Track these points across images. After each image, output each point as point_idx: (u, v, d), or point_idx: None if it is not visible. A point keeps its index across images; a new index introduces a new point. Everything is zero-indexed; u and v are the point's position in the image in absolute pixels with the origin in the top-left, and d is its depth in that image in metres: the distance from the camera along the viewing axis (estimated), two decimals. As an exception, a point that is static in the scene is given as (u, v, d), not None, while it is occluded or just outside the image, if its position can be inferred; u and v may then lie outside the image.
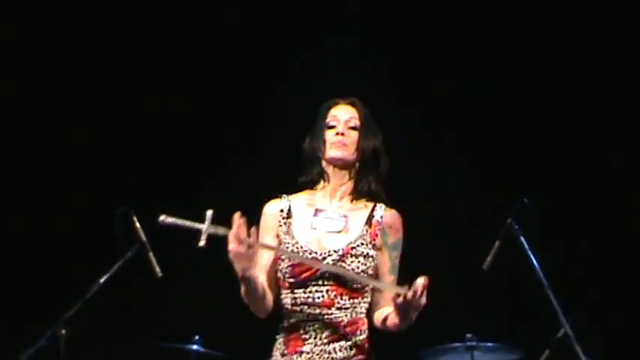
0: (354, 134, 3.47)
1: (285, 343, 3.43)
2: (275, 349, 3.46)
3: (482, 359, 5.15)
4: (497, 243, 4.60)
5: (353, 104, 3.50)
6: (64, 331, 4.56)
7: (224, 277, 3.43)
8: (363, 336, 3.47)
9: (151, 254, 4.56)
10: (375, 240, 3.43)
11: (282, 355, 3.43)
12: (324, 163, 3.49)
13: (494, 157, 5.84)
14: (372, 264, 3.40)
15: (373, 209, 3.46)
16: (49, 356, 4.60)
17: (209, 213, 3.20)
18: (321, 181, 3.50)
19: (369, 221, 3.45)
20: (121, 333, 5.71)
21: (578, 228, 5.81)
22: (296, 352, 3.39)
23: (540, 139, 5.96)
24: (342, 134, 3.44)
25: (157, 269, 4.59)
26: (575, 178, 5.88)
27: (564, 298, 4.44)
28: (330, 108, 3.55)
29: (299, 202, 3.49)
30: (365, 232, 3.43)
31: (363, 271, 3.38)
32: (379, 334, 4.23)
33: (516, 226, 4.57)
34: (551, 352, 4.67)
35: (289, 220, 3.46)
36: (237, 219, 3.15)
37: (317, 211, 3.47)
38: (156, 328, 5.55)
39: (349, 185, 3.50)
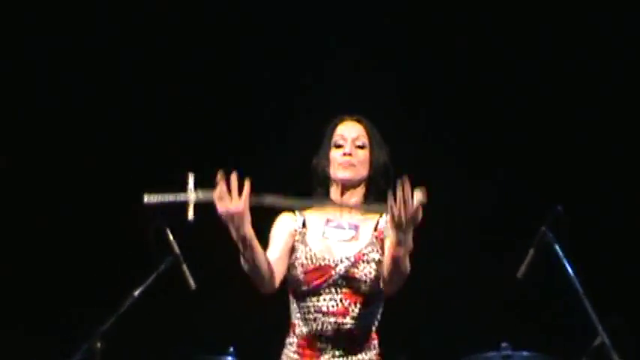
0: (362, 153, 3.48)
1: (300, 353, 3.45)
2: (285, 356, 3.48)
3: None
4: (531, 251, 4.56)
5: (359, 121, 3.51)
6: (99, 344, 4.54)
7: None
8: (376, 351, 3.50)
9: (184, 266, 4.57)
10: (383, 244, 3.44)
11: None
12: (332, 182, 3.51)
13: (530, 164, 5.82)
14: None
15: (380, 217, 3.48)
16: None
17: (190, 179, 3.16)
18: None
19: (376, 228, 3.47)
20: (155, 345, 5.70)
21: (612, 235, 5.79)
22: None
23: (575, 147, 5.94)
24: (350, 155, 3.45)
25: (191, 281, 4.59)
26: (610, 184, 5.86)
27: (599, 307, 4.42)
28: (336, 126, 3.55)
29: (311, 215, 3.50)
30: (374, 238, 3.45)
31: (375, 277, 3.38)
32: (415, 346, 4.17)
33: (550, 234, 4.53)
34: None
35: (304, 229, 3.48)
36: (219, 179, 3.11)
37: (328, 220, 3.48)
38: (190, 340, 5.59)
39: (359, 199, 3.51)
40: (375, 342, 3.52)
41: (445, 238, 5.88)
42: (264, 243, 3.44)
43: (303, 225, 3.49)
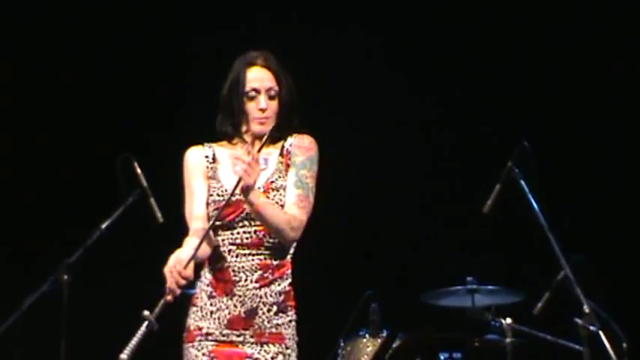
0: (274, 104, 3.56)
1: (214, 285, 3.52)
2: (200, 290, 3.56)
3: (482, 302, 5.21)
4: (497, 186, 4.62)
5: (268, 68, 3.57)
6: (66, 277, 4.58)
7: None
8: (289, 280, 3.59)
9: (152, 200, 4.57)
10: (289, 168, 3.55)
11: (210, 296, 3.52)
12: (244, 128, 3.57)
13: (495, 100, 5.90)
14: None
15: (285, 141, 3.58)
16: (52, 301, 4.60)
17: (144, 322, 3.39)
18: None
19: (281, 152, 3.56)
20: (121, 279, 5.80)
21: (579, 169, 5.88)
22: (226, 295, 3.49)
23: (544, 84, 6.02)
24: (262, 110, 3.54)
25: (159, 215, 4.58)
26: (578, 121, 5.94)
27: (564, 241, 4.50)
28: (246, 70, 3.59)
29: (221, 150, 3.59)
30: (280, 164, 3.55)
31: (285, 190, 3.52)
32: (381, 280, 4.20)
33: (516, 170, 4.58)
34: (552, 295, 4.61)
35: (215, 164, 3.57)
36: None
37: (237, 158, 3.56)
38: (156, 274, 5.64)
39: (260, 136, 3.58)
40: (289, 271, 3.61)
41: (412, 171, 6.01)
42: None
43: (214, 159, 3.59)
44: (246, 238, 3.52)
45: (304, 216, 3.53)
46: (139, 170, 4.68)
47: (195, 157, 3.64)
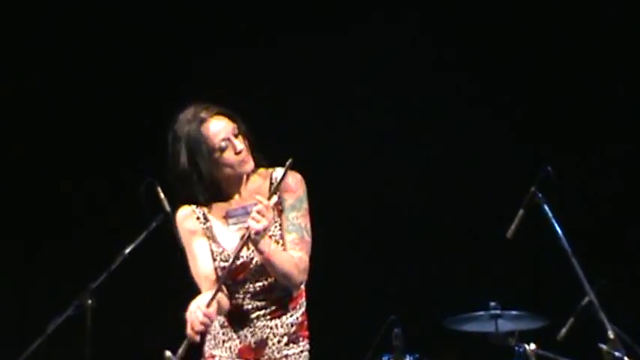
0: (242, 141, 3.51)
1: (228, 315, 3.53)
2: (209, 334, 3.59)
3: (506, 327, 5.13)
4: (520, 211, 4.63)
5: (221, 114, 3.51)
6: (90, 301, 4.60)
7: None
8: (302, 310, 3.60)
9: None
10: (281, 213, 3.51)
11: (223, 326, 3.54)
12: (223, 185, 3.53)
13: (520, 125, 5.88)
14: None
15: (271, 180, 3.55)
16: (76, 325, 4.60)
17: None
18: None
19: (270, 198, 3.52)
20: (145, 303, 5.80)
21: (602, 195, 5.85)
22: (237, 325, 3.54)
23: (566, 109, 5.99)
24: (240, 152, 3.49)
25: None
26: (600, 146, 5.91)
27: (588, 266, 4.47)
28: (203, 128, 3.50)
29: (206, 209, 3.58)
30: (272, 210, 3.49)
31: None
32: (404, 307, 4.19)
33: (539, 195, 4.58)
34: (576, 320, 4.63)
35: (208, 224, 3.56)
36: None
37: (227, 215, 3.55)
38: (183, 298, 5.64)
39: (242, 181, 3.57)
40: (302, 300, 3.61)
41: (433, 196, 5.99)
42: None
43: (205, 219, 3.56)
44: (259, 287, 3.51)
45: (305, 256, 3.50)
46: (162, 195, 4.73)
47: (189, 219, 3.60)
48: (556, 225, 4.54)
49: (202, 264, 3.55)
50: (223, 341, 3.59)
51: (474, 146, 5.99)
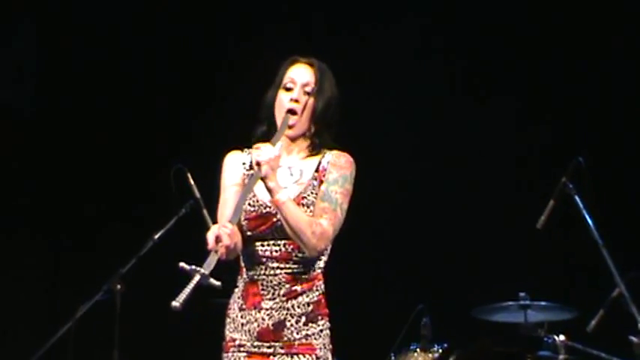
0: (310, 100, 3.57)
1: (244, 297, 3.56)
2: (233, 301, 3.61)
3: (535, 318, 5.18)
4: (551, 202, 4.68)
5: (311, 65, 3.59)
6: (119, 286, 4.74)
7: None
8: (319, 292, 3.61)
9: (204, 211, 4.68)
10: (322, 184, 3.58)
11: (241, 309, 3.56)
12: (273, 120, 3.61)
13: (553, 117, 5.89)
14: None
15: (322, 157, 3.60)
16: (105, 310, 4.75)
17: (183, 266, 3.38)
18: None
19: (317, 168, 3.58)
20: (174, 289, 5.74)
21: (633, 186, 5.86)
22: (255, 308, 3.54)
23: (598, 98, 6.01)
24: (297, 101, 3.55)
25: (211, 224, 4.60)
26: (634, 136, 5.92)
27: (619, 258, 4.49)
28: (288, 67, 3.63)
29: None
30: (314, 180, 3.56)
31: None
32: (433, 294, 4.19)
33: (570, 185, 4.63)
34: (606, 312, 4.69)
35: (250, 171, 3.60)
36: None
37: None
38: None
39: (303, 141, 3.62)
40: (320, 283, 3.62)
41: (464, 188, 6.01)
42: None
43: (251, 167, 3.60)
44: (276, 251, 3.54)
45: (329, 227, 3.52)
46: (192, 181, 4.80)
47: (233, 163, 3.67)
48: (587, 216, 4.58)
49: (229, 212, 3.57)
50: (242, 324, 3.60)
51: (505, 136, 6.02)
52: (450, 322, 5.46)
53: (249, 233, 3.53)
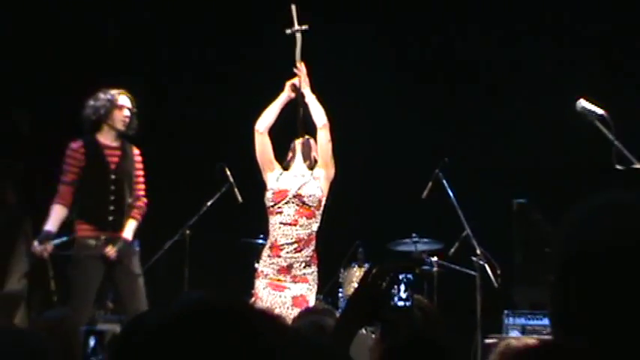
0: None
1: (270, 249, 4.64)
2: (266, 247, 4.69)
3: (421, 248, 6.69)
4: (429, 184, 6.17)
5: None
6: (188, 232, 6.19)
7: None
8: (313, 247, 4.61)
9: (235, 189, 6.21)
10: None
11: (269, 255, 4.67)
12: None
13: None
14: (319, 184, 4.61)
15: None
16: (179, 250, 6.12)
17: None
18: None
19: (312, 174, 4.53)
20: (223, 233, 6.81)
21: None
22: (277, 256, 4.59)
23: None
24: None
25: (239, 197, 6.20)
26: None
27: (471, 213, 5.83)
28: None
29: (283, 174, 4.73)
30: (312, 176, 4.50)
31: (314, 194, 4.60)
32: (364, 234, 5.62)
33: (441, 174, 6.08)
34: (461, 244, 6.05)
35: (280, 174, 4.74)
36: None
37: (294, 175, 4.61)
38: (247, 228, 6.64)
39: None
40: (313, 241, 4.66)
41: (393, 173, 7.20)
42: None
43: (280, 174, 4.71)
44: (288, 219, 4.63)
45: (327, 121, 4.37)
46: (228, 172, 6.11)
47: (276, 166, 4.68)
48: (451, 193, 5.85)
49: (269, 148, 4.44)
50: (270, 264, 4.66)
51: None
52: (375, 251, 6.58)
53: (272, 204, 4.55)
